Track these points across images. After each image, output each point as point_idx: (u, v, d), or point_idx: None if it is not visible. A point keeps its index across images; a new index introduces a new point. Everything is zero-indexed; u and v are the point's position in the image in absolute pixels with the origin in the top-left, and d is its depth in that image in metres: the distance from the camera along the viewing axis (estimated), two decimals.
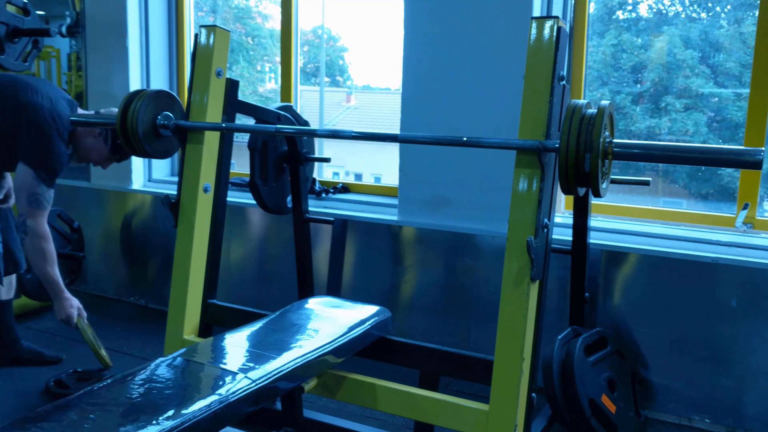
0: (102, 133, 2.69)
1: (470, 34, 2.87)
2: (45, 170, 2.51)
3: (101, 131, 2.69)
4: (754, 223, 2.69)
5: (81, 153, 2.73)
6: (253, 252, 3.58)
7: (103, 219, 4.07)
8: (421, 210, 3.08)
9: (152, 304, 3.95)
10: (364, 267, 3.26)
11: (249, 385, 1.50)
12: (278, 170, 2.85)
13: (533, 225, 1.62)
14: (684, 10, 3.22)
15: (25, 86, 2.53)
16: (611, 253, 2.71)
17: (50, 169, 2.52)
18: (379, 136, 2.01)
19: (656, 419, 2.68)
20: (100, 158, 2.76)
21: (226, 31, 2.22)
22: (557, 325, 2.63)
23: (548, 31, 1.64)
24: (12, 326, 3.00)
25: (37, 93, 2.53)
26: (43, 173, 2.50)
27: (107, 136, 2.70)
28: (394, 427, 2.54)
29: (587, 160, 1.51)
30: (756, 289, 2.48)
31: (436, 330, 3.09)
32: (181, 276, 2.16)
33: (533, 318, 1.65)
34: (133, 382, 1.47)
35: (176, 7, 4.00)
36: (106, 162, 2.79)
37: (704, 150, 1.54)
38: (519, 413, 1.63)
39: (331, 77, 8.01)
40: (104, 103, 3.93)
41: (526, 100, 1.65)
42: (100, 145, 2.71)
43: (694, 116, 3.14)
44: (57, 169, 2.54)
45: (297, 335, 1.84)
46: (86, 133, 2.68)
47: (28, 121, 2.49)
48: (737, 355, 2.52)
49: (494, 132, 2.75)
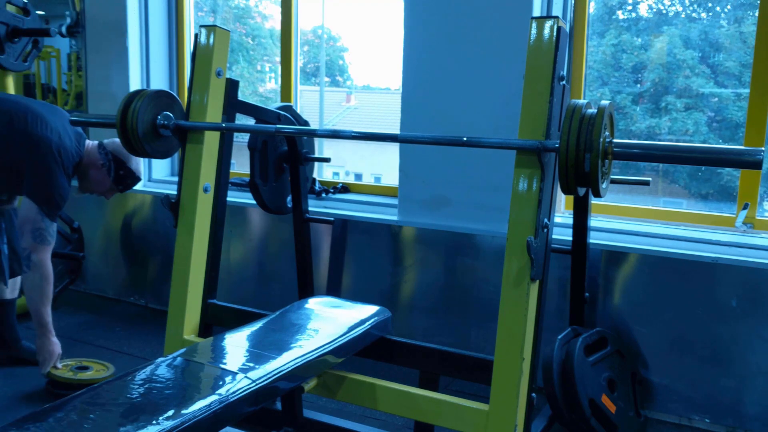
0: (105, 164, 2.75)
1: (470, 34, 2.87)
2: (48, 205, 2.56)
3: (104, 162, 2.74)
4: (754, 223, 2.69)
5: (84, 184, 2.80)
6: (253, 252, 3.58)
7: (103, 219, 4.07)
8: (421, 210, 3.08)
9: (152, 304, 3.95)
10: (364, 267, 3.26)
11: (249, 385, 1.50)
12: (278, 170, 2.85)
13: (533, 225, 1.62)
14: (684, 10, 3.22)
15: (34, 117, 2.56)
16: (611, 253, 2.71)
17: (53, 204, 2.57)
18: (379, 136, 2.01)
19: (656, 419, 2.68)
20: (103, 189, 2.82)
21: (226, 31, 2.22)
22: (557, 325, 2.63)
23: (548, 31, 1.64)
24: (14, 326, 3.01)
25: (46, 125, 2.56)
26: (46, 208, 2.55)
27: (110, 167, 2.75)
28: (394, 427, 2.54)
29: (587, 160, 1.51)
30: (756, 289, 2.48)
31: (436, 330, 3.08)
32: (181, 276, 2.16)
33: (533, 318, 1.65)
34: (133, 382, 1.47)
35: (176, 7, 4.00)
36: (109, 193, 2.86)
37: (704, 150, 1.54)
38: (519, 413, 1.63)
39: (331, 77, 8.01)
40: (104, 103, 3.94)
41: (526, 100, 1.65)
42: (103, 177, 2.77)
43: (695, 116, 3.14)
44: (60, 203, 2.59)
45: (297, 335, 1.84)
46: (90, 165, 2.74)
47: (34, 154, 2.53)
48: (737, 355, 2.52)
49: (494, 132, 2.76)
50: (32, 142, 2.52)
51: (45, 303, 2.65)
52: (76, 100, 6.54)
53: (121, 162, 2.75)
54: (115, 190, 2.84)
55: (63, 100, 5.13)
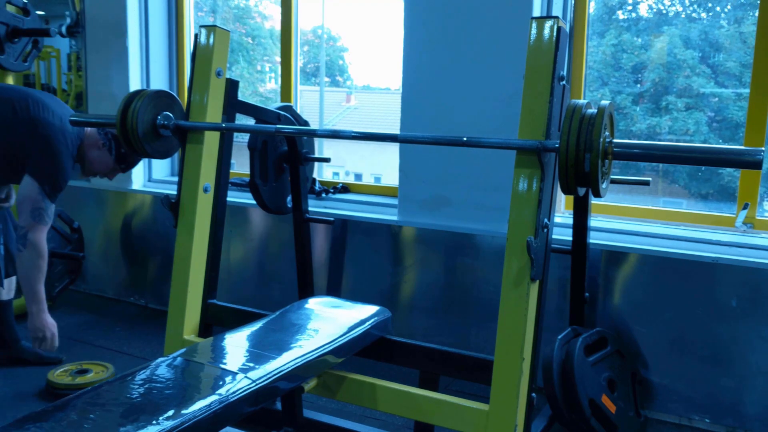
0: (106, 144, 2.74)
1: (470, 34, 2.87)
2: (51, 186, 2.55)
3: (105, 142, 2.74)
4: (754, 223, 2.69)
5: (87, 167, 2.79)
6: (253, 252, 3.58)
7: (103, 219, 4.07)
8: (420, 210, 3.08)
9: (152, 304, 3.95)
10: (364, 267, 3.26)
11: (249, 385, 1.50)
12: (278, 170, 2.85)
13: (533, 225, 1.62)
14: (684, 10, 3.22)
15: (35, 102, 2.57)
16: (611, 253, 2.71)
17: (56, 184, 2.56)
18: (379, 136, 2.01)
19: (656, 419, 2.68)
20: (106, 169, 2.81)
21: (226, 31, 2.22)
22: (557, 325, 2.63)
23: (548, 31, 1.64)
24: (13, 326, 3.01)
25: (47, 110, 2.57)
26: (48, 188, 2.54)
27: (111, 146, 2.75)
28: (394, 427, 2.54)
29: (587, 160, 1.51)
30: (756, 289, 2.48)
31: (436, 330, 3.09)
32: (181, 276, 2.16)
33: (533, 318, 1.65)
34: (133, 382, 1.47)
35: (176, 7, 4.00)
36: (112, 173, 2.85)
37: (704, 150, 1.54)
38: (519, 413, 1.63)
39: (331, 77, 8.01)
40: (104, 103, 3.94)
41: (526, 100, 1.65)
42: (105, 157, 2.76)
43: (695, 116, 3.14)
44: (62, 185, 2.59)
45: (297, 335, 1.84)
46: (91, 146, 2.74)
47: (38, 137, 2.52)
48: (737, 355, 2.52)
49: (494, 132, 2.76)
50: (37, 126, 2.53)
51: (41, 279, 2.61)
52: (76, 100, 6.55)
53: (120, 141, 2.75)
54: (118, 169, 2.83)
55: (63, 100, 5.16)
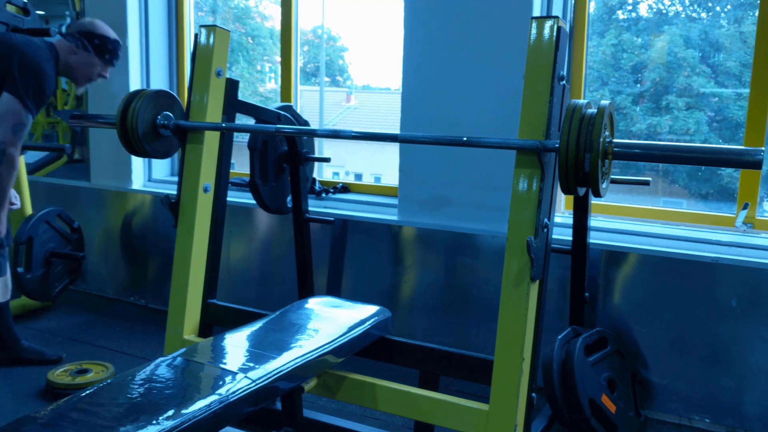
0: (79, 45, 2.73)
1: (470, 34, 2.87)
2: (33, 100, 2.53)
3: (77, 44, 2.72)
4: (754, 223, 2.69)
5: (77, 74, 2.77)
6: (253, 252, 3.58)
7: (103, 219, 4.07)
8: (421, 210, 3.08)
9: (152, 304, 3.95)
10: (364, 267, 3.26)
11: (249, 385, 1.50)
12: (278, 170, 2.85)
13: (533, 225, 1.62)
14: (684, 9, 3.22)
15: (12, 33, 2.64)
16: (611, 253, 2.71)
17: (39, 99, 2.56)
18: (379, 136, 2.01)
19: (656, 419, 2.68)
20: (93, 68, 2.77)
21: (226, 31, 2.22)
22: (557, 325, 2.63)
23: (548, 31, 1.64)
24: (11, 327, 3.01)
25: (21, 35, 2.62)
26: (31, 102, 2.52)
27: (84, 44, 2.73)
28: (394, 427, 2.54)
29: (587, 160, 1.51)
30: (756, 289, 2.48)
31: (436, 330, 3.08)
32: (181, 276, 2.16)
33: (533, 318, 1.65)
34: (133, 382, 1.47)
35: (176, 7, 4.00)
36: (103, 69, 2.81)
37: (704, 150, 1.54)
38: (519, 413, 1.63)
39: (331, 77, 8.01)
40: (104, 103, 3.94)
41: (526, 100, 1.66)
42: (85, 56, 2.74)
43: (696, 115, 3.14)
44: (44, 99, 2.59)
45: (297, 335, 1.84)
46: (68, 53, 2.72)
47: (21, 53, 2.53)
48: (737, 355, 2.52)
49: (494, 132, 2.76)
50: (15, 45, 2.54)
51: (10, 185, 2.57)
52: (76, 100, 6.54)
53: (89, 33, 2.74)
54: (106, 63, 2.79)
55: (63, 100, 5.13)
